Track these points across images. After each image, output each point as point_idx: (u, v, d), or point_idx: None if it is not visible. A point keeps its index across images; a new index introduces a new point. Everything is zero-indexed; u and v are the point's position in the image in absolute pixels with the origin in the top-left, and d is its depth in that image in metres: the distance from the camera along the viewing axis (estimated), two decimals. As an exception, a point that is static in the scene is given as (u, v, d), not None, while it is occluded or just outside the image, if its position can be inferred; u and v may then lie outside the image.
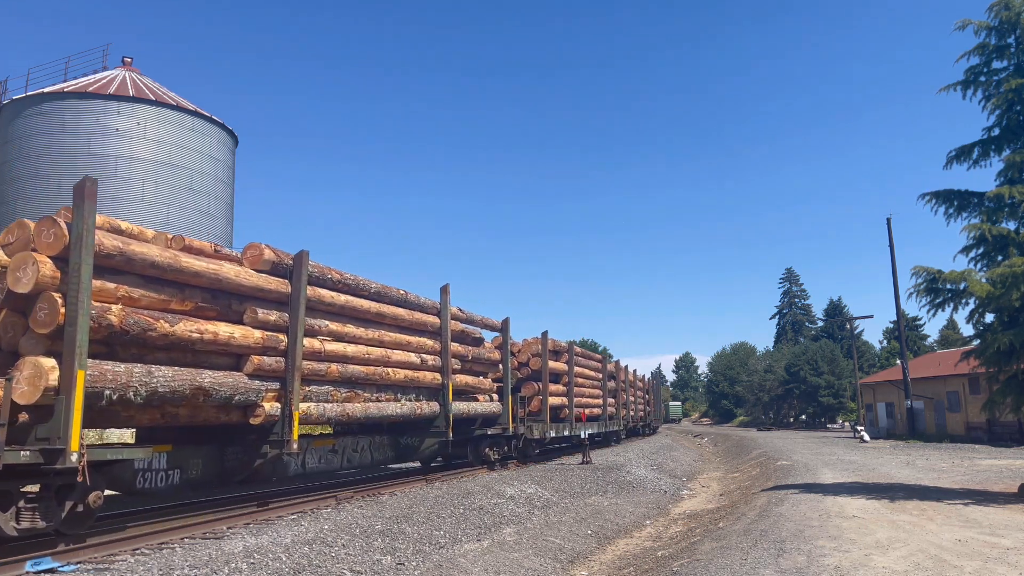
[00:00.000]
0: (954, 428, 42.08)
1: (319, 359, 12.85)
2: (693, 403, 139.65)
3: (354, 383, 13.93)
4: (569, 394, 28.05)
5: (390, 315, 15.34)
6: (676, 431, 75.04)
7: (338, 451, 14.95)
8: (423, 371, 16.52)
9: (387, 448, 16.87)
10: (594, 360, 34.34)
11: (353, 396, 13.77)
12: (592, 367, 33.36)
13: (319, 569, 8.61)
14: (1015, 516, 12.01)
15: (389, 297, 15.54)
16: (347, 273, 14.28)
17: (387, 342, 15.18)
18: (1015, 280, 13.74)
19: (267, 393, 11.54)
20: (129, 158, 32.18)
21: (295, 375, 11.83)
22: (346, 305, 13.88)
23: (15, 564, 8.02)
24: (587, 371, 32.13)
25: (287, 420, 11.71)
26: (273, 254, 12.11)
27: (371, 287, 14.87)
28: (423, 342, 16.71)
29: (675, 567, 9.53)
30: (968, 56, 16.29)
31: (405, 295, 16.27)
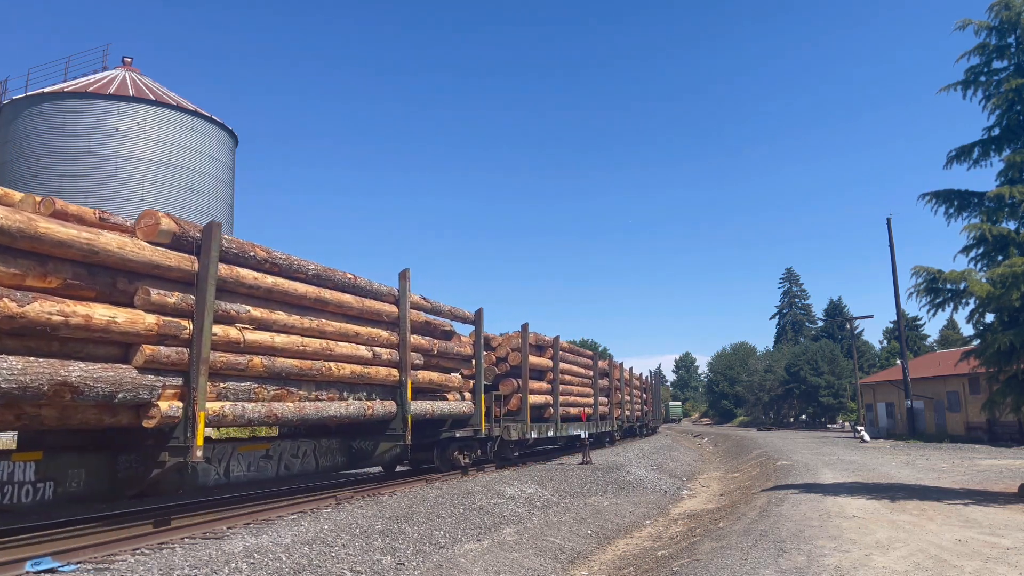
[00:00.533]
0: (954, 428, 42.08)
1: (238, 350, 11.11)
2: (693, 403, 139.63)
3: (286, 379, 12.17)
4: (554, 392, 26.23)
5: (333, 302, 13.62)
6: (676, 431, 75.05)
7: (273, 457, 13.32)
8: (376, 366, 14.77)
9: (336, 453, 15.30)
10: (583, 356, 32.33)
11: (284, 394, 12.08)
12: (581, 364, 31.45)
13: (319, 569, 8.61)
14: (1015, 516, 12.01)
15: (332, 281, 13.75)
16: (277, 251, 12.44)
17: (330, 332, 13.41)
18: (1015, 280, 13.74)
19: (165, 390, 9.77)
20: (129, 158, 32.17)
21: (201, 368, 10.02)
22: (275, 288, 12.06)
23: (15, 564, 8.02)
24: (575, 368, 30.22)
25: (190, 422, 9.97)
26: (174, 224, 10.27)
27: (308, 268, 13.09)
28: (376, 333, 14.93)
29: (675, 567, 9.52)
30: (968, 56, 16.29)
31: (354, 279, 14.46)
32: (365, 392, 14.54)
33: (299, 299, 12.74)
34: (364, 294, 14.80)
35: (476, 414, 19.18)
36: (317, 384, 13.06)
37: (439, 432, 18.07)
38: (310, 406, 12.63)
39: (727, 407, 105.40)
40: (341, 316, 14.02)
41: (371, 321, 15.01)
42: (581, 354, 32.17)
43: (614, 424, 37.10)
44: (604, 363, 36.72)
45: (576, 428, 28.75)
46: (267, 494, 14.66)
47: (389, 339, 15.43)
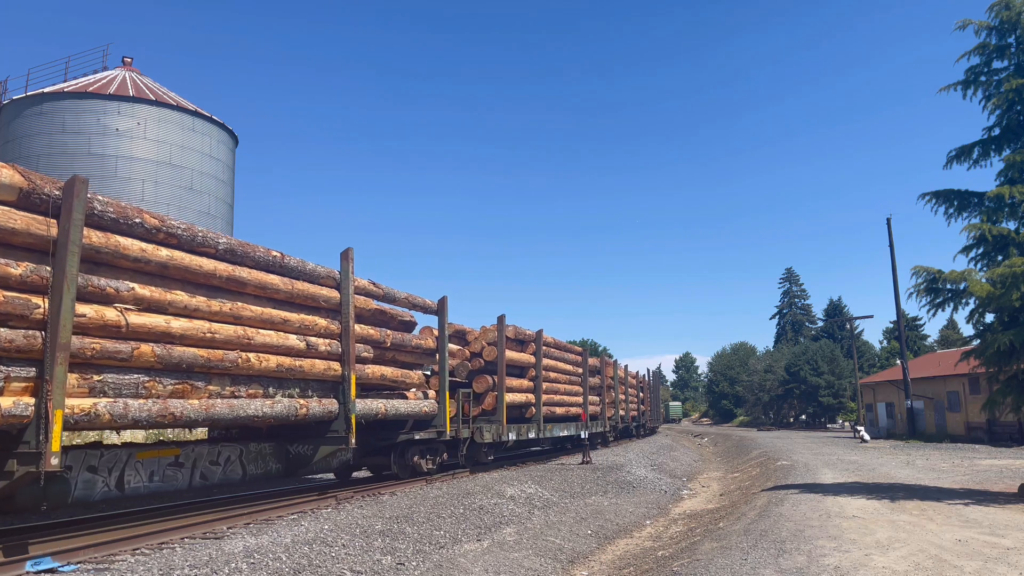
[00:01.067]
0: (954, 428, 42.09)
1: (119, 336, 9.33)
2: (693, 403, 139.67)
3: (188, 372, 10.32)
4: (536, 390, 24.36)
5: (253, 283, 11.75)
6: (676, 431, 75.05)
7: (186, 464, 11.68)
8: (311, 358, 12.97)
9: (270, 459, 13.53)
10: (572, 353, 30.30)
11: (186, 389, 10.27)
12: (569, 360, 29.49)
13: (319, 569, 8.61)
14: (1015, 516, 12.01)
15: (252, 259, 11.87)
16: (174, 220, 10.62)
17: (248, 318, 11.57)
18: (1015, 280, 13.74)
19: (9, 383, 7.99)
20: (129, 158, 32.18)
21: (58, 357, 8.21)
22: (171, 264, 10.15)
23: (15, 564, 8.02)
24: (562, 365, 28.25)
25: (43, 422, 8.09)
26: (19, 177, 8.38)
27: (218, 242, 11.21)
28: (311, 321, 13.13)
29: (675, 567, 9.52)
30: (968, 56, 16.29)
31: (281, 257, 12.58)
32: (298, 388, 12.75)
33: (206, 277, 10.86)
34: (295, 275, 12.92)
35: (440, 414, 17.30)
36: (233, 378, 11.25)
37: (396, 434, 16.28)
38: (222, 404, 10.73)
39: (727, 407, 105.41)
40: (266, 300, 12.20)
41: (305, 307, 13.17)
42: (569, 350, 30.04)
43: (606, 424, 34.93)
44: (595, 360, 34.84)
45: (563, 429, 27.19)
46: (267, 494, 14.67)
47: (328, 328, 13.53)
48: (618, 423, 38.45)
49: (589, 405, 31.45)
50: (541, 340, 25.02)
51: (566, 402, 28.27)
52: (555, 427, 26.34)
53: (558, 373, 27.67)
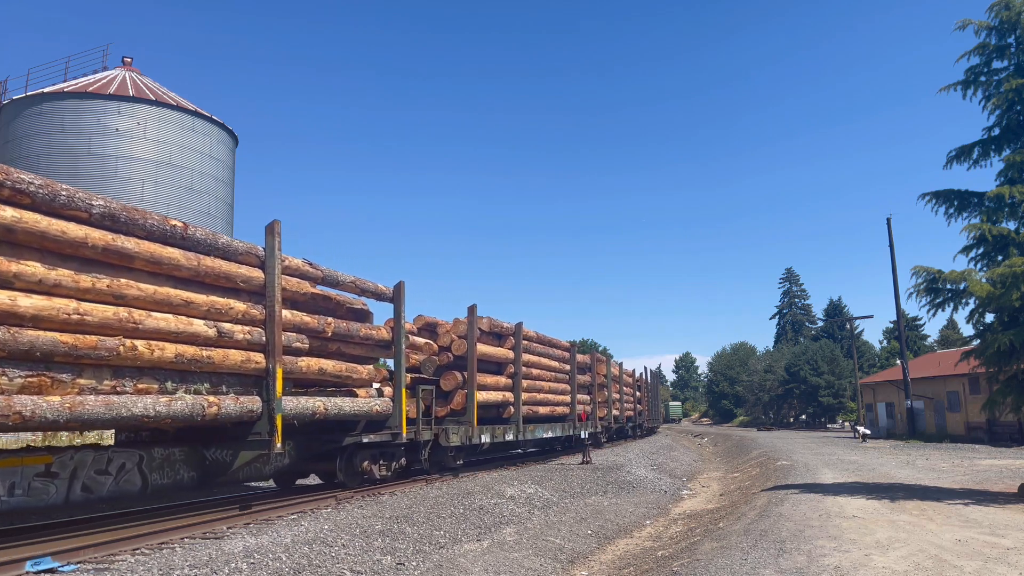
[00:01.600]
0: (954, 428, 42.10)
1: None
2: (693, 403, 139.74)
3: (46, 361, 8.57)
4: (515, 388, 22.43)
5: (144, 256, 9.79)
6: (676, 431, 75.08)
7: (62, 475, 9.61)
8: (225, 348, 11.05)
9: (180, 466, 11.41)
10: (557, 348, 28.18)
11: (43, 383, 8.47)
12: (555, 356, 27.48)
13: (319, 569, 8.61)
14: (1015, 516, 12.01)
15: (143, 228, 9.93)
16: (28, 174, 8.73)
17: (135, 298, 9.60)
18: (1015, 280, 13.75)
19: None
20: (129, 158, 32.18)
21: None
22: (20, 227, 8.29)
23: (15, 564, 8.02)
24: (546, 361, 26.27)
25: None
26: None
27: (92, 205, 9.30)
28: (225, 305, 11.16)
29: (675, 567, 9.53)
30: (968, 56, 16.30)
31: (184, 228, 10.65)
32: (207, 383, 10.88)
33: (74, 247, 8.99)
34: (203, 250, 11.03)
35: (395, 414, 15.50)
36: (116, 370, 9.42)
37: (343, 437, 14.52)
38: (95, 402, 8.90)
39: (727, 407, 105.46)
40: (163, 278, 10.28)
41: (217, 288, 11.28)
42: (555, 345, 27.92)
43: (597, 425, 32.90)
44: (584, 357, 32.78)
45: (547, 430, 25.33)
46: (268, 494, 14.68)
47: (248, 313, 11.63)
48: (611, 423, 36.50)
49: (579, 404, 29.62)
50: (520, 334, 23.08)
51: (551, 401, 26.43)
52: (538, 428, 24.50)
53: (542, 370, 25.68)
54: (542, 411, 25.45)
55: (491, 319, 21.79)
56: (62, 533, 9.73)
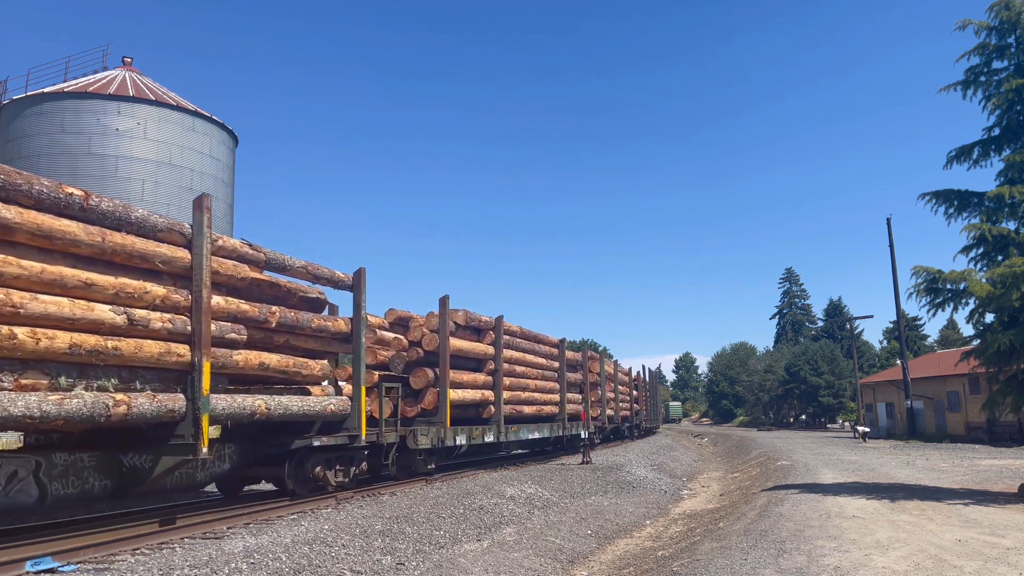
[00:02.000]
0: (954, 428, 42.11)
1: None
2: (693, 403, 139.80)
3: None
4: (496, 386, 20.91)
5: (29, 228, 8.35)
6: (676, 431, 75.10)
7: None
8: (138, 338, 9.61)
9: (91, 474, 10.08)
10: (544, 344, 26.52)
11: None
12: (541, 353, 25.86)
13: (319, 569, 8.61)
14: (1015, 516, 12.02)
15: (29, 195, 8.56)
16: None
17: (15, 277, 8.24)
18: (1015, 280, 13.75)
19: None
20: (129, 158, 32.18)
21: None
22: None
23: (15, 564, 8.02)
24: (531, 357, 24.64)
25: None
26: None
27: None
28: (140, 288, 9.68)
29: (675, 567, 9.53)
30: (968, 56, 16.30)
31: (86, 198, 9.23)
32: (115, 378, 9.42)
33: None
34: (112, 224, 9.57)
35: (353, 414, 14.04)
36: None
37: (292, 440, 13.02)
38: None
39: (727, 407, 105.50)
40: (57, 255, 8.88)
41: (130, 268, 9.84)
42: (541, 341, 26.21)
43: (590, 425, 30.32)
44: (575, 355, 31.06)
45: (534, 431, 23.85)
46: (267, 494, 14.68)
47: (169, 299, 10.13)
48: (604, 424, 34.21)
49: (568, 403, 27.64)
50: (501, 328, 21.36)
51: (537, 400, 24.73)
52: (523, 429, 22.89)
53: (527, 367, 24.09)
54: (527, 411, 23.83)
55: (467, 312, 20.23)
56: (62, 533, 9.74)
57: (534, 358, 24.98)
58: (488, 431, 20.21)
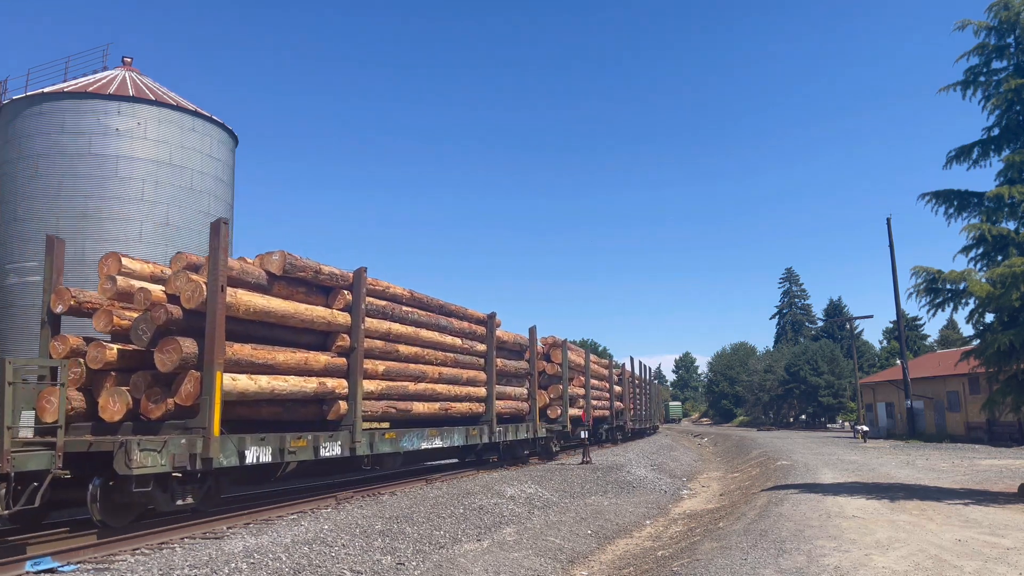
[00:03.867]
0: (954, 428, 42.11)
1: None
2: (693, 403, 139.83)
3: None
4: (352, 373, 14.07)
5: None
6: (676, 431, 75.10)
7: None
8: None
9: None
10: (460, 319, 19.62)
11: None
12: (453, 331, 18.92)
13: (319, 569, 8.61)
14: (1015, 516, 12.02)
15: None
16: None
17: None
18: (1015, 280, 13.75)
19: None
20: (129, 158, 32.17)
21: None
22: None
23: (15, 564, 8.03)
24: (428, 334, 17.46)
25: None
26: None
27: None
28: None
29: (675, 567, 9.53)
30: (968, 56, 16.30)
31: None
32: None
33: None
34: None
35: None
36: None
37: None
38: None
39: (727, 407, 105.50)
40: None
41: None
42: (451, 313, 19.18)
43: (536, 428, 23.90)
44: (515, 336, 23.87)
45: (435, 438, 17.09)
46: (267, 494, 14.67)
47: None
48: (565, 426, 27.10)
49: (500, 400, 21.43)
50: (363, 287, 14.47)
51: (442, 395, 18.01)
52: (412, 435, 16.12)
53: (422, 348, 17.26)
54: (421, 409, 16.92)
55: (292, 256, 13.02)
56: (62, 533, 9.74)
57: (438, 336, 18.07)
58: (332, 440, 13.32)
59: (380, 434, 15.05)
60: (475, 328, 20.50)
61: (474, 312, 20.73)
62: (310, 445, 12.77)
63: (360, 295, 14.56)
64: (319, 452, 12.97)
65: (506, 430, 21.44)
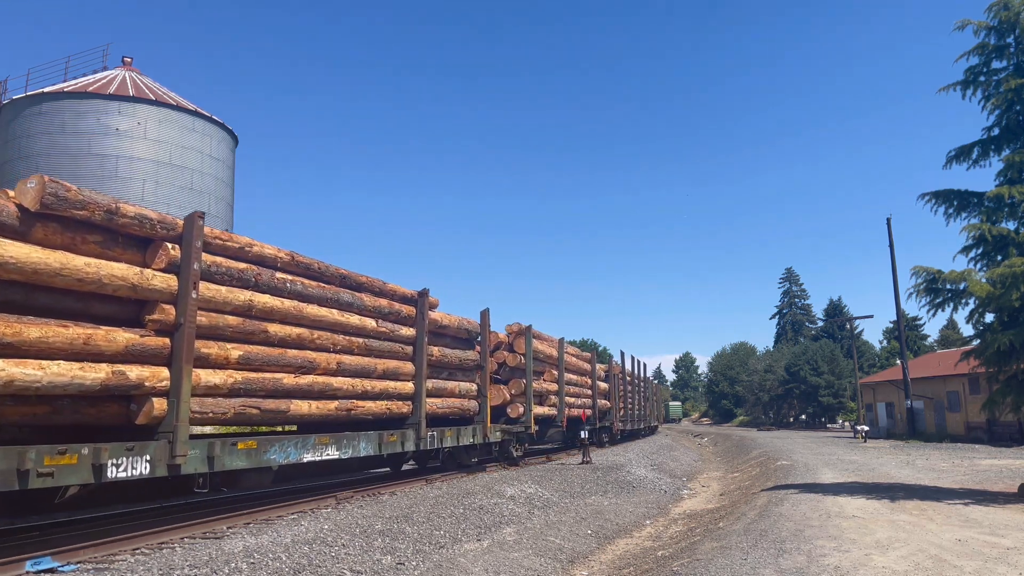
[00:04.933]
0: (954, 428, 42.12)
1: None
2: (693, 403, 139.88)
3: None
4: (175, 358, 9.77)
5: None
6: (676, 431, 75.10)
7: None
8: None
9: None
10: (382, 296, 15.31)
11: None
12: (366, 309, 14.47)
13: (319, 569, 8.61)
14: (1015, 516, 12.02)
15: None
16: None
17: None
18: (1015, 280, 13.75)
19: None
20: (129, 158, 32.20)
21: None
22: None
23: (15, 564, 8.02)
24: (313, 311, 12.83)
25: None
26: None
27: None
28: None
29: (675, 567, 9.53)
30: (968, 56, 16.30)
31: None
32: None
33: None
34: None
35: None
36: None
37: None
38: None
39: (727, 407, 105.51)
40: None
41: None
42: (357, 287, 14.55)
43: (485, 432, 19.66)
44: (460, 321, 18.88)
45: (318, 448, 12.64)
46: (267, 494, 14.68)
47: None
48: (529, 427, 22.70)
49: (433, 397, 16.85)
50: (196, 235, 10.38)
51: (342, 391, 13.45)
52: (286, 444, 11.86)
53: (306, 329, 12.72)
54: (307, 410, 12.52)
55: (63, 186, 8.60)
56: (62, 533, 9.74)
57: (338, 315, 13.52)
58: (132, 453, 9.06)
59: (229, 444, 10.64)
60: (398, 308, 15.76)
61: (396, 287, 15.98)
62: (86, 462, 8.44)
63: (193, 251, 10.26)
64: (104, 472, 8.62)
65: (443, 434, 17.05)
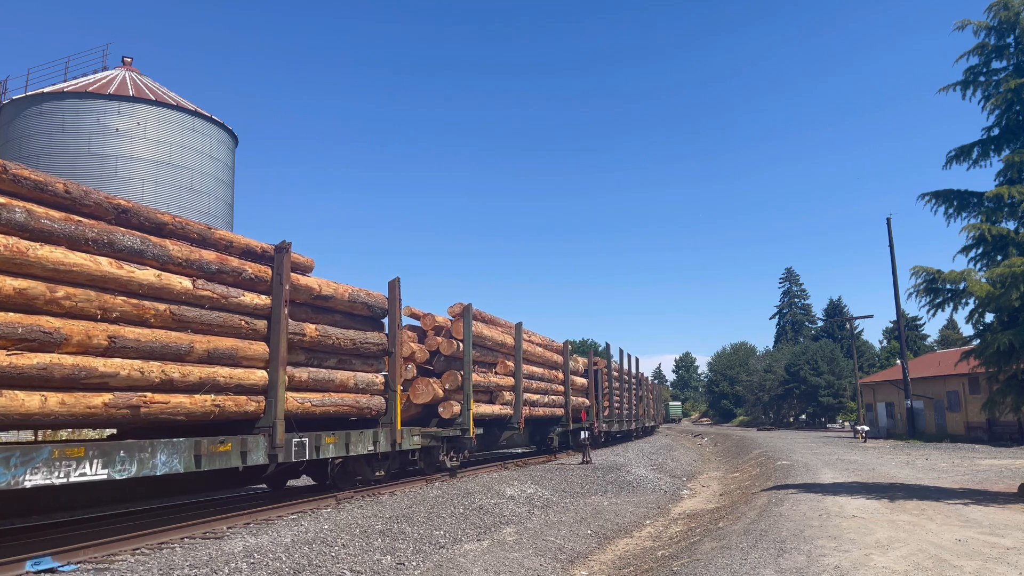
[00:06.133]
0: (954, 428, 42.11)
1: None
2: (693, 403, 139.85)
3: None
4: None
5: None
6: (676, 431, 75.11)
7: None
8: None
9: None
10: (210, 248, 10.79)
11: None
12: (172, 261, 9.76)
13: (319, 569, 8.61)
14: (1015, 516, 12.02)
15: None
16: None
17: None
18: (1015, 280, 13.75)
19: None
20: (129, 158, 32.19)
21: None
22: None
23: (15, 564, 8.02)
24: (75, 261, 8.16)
25: None
26: None
27: None
28: None
29: (675, 567, 9.53)
30: (967, 56, 16.30)
31: None
32: None
33: None
34: None
35: None
36: None
37: None
38: None
39: (727, 407, 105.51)
40: None
41: None
42: (157, 228, 9.95)
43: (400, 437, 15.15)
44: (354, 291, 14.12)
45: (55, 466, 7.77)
46: (267, 494, 14.67)
47: None
48: (466, 429, 18.40)
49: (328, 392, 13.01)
50: None
51: (117, 380, 8.69)
52: None
53: (40, 282, 7.88)
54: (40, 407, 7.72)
55: None
56: (62, 533, 9.74)
57: (116, 269, 8.85)
58: None
59: None
60: (238, 265, 11.13)
61: (235, 236, 11.58)
62: None
63: None
64: None
65: (319, 441, 12.51)
